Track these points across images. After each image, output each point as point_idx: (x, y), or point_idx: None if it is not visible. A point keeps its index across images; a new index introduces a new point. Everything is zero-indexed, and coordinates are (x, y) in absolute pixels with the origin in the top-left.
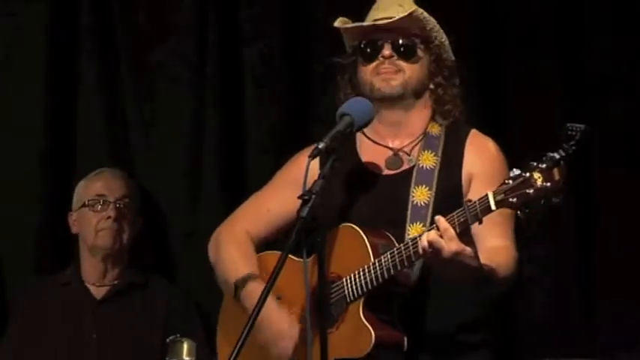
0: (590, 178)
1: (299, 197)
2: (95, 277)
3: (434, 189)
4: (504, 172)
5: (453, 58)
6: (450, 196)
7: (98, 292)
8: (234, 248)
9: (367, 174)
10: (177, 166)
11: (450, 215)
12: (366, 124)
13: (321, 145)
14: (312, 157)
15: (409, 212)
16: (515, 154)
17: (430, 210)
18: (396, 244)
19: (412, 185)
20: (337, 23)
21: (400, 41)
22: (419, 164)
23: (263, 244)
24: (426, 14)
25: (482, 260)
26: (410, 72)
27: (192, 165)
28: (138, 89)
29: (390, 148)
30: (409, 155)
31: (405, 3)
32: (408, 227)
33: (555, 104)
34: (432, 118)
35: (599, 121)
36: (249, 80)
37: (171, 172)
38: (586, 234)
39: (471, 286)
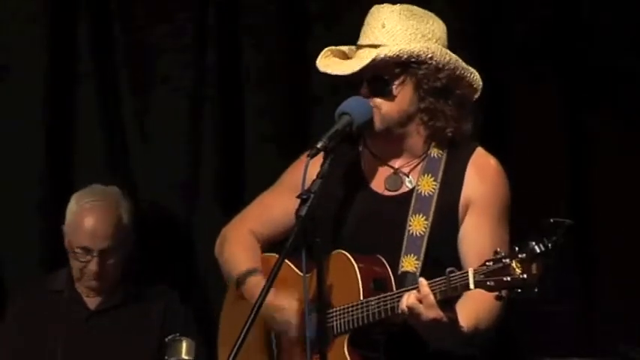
0: (589, 176)
1: (297, 197)
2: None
3: (430, 219)
4: (504, 198)
5: (450, 68)
6: (445, 225)
7: (92, 302)
8: (239, 245)
9: (367, 191)
10: (175, 173)
11: (433, 281)
12: (365, 124)
13: (319, 145)
14: (310, 156)
15: (404, 243)
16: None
17: (425, 242)
18: (390, 273)
19: (410, 213)
20: (319, 63)
21: (374, 79)
22: (418, 190)
23: (269, 244)
24: (395, 48)
25: (466, 311)
26: (386, 108)
27: (189, 172)
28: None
29: (391, 167)
30: (408, 176)
31: (388, 21)
32: (402, 258)
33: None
34: (432, 138)
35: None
36: (248, 89)
37: (168, 180)
38: (585, 233)
39: (452, 345)
